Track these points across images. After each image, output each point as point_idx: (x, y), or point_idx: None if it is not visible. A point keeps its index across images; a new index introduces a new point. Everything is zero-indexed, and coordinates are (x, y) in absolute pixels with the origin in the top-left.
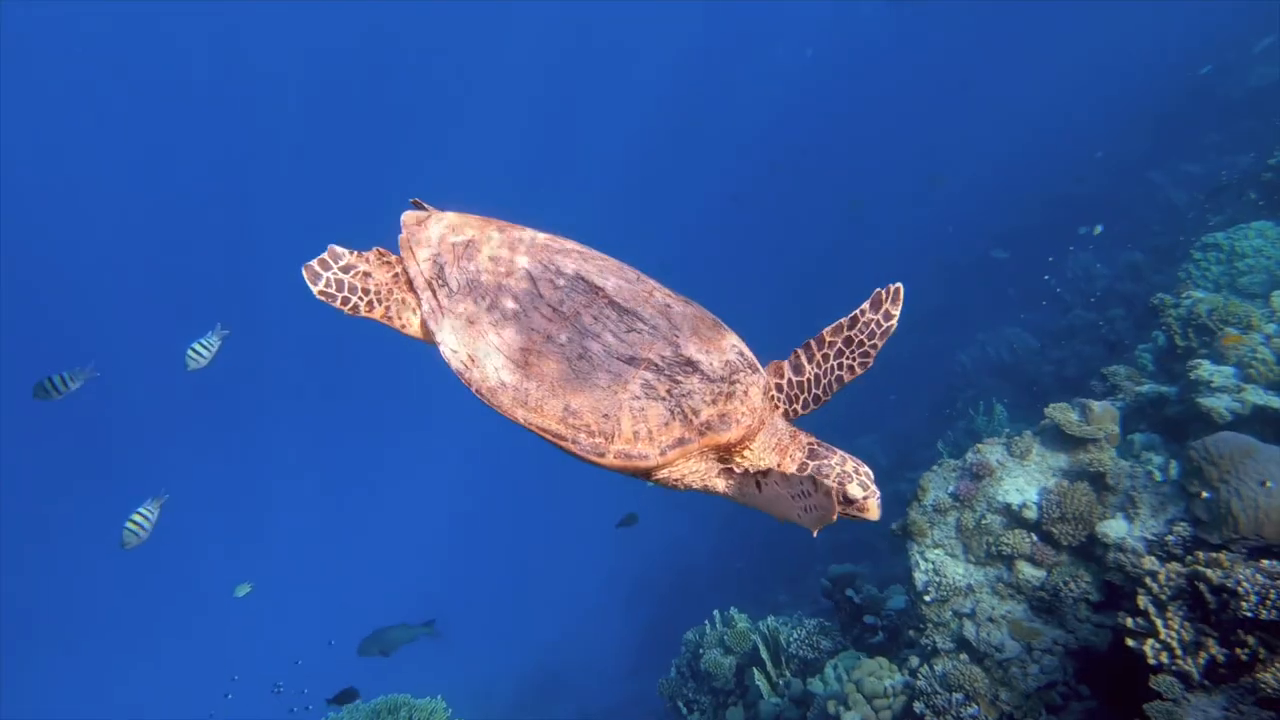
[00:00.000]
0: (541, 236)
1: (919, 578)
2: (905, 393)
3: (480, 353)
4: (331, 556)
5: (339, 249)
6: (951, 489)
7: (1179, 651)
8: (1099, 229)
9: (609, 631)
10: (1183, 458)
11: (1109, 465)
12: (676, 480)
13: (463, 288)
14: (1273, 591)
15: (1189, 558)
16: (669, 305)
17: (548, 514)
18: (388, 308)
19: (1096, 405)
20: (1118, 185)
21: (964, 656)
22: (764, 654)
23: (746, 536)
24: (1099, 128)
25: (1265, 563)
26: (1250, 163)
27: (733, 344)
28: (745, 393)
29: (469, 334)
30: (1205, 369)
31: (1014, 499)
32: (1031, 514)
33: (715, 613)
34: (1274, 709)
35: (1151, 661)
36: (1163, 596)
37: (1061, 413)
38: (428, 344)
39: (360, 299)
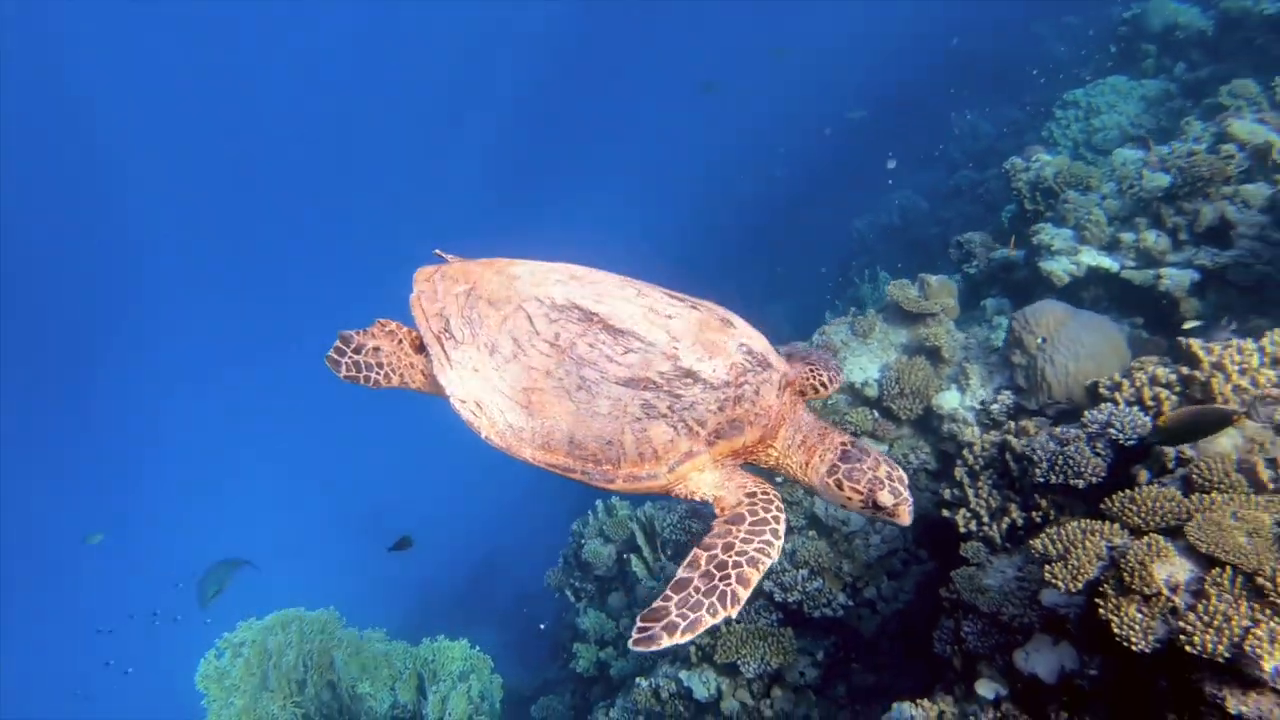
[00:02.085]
0: (538, 268)
1: None
2: (814, 261)
3: (486, 399)
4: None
5: (347, 333)
6: None
7: (985, 518)
8: (892, 163)
9: (540, 515)
10: (1007, 327)
11: (944, 339)
12: (694, 492)
13: (467, 337)
14: (1061, 457)
15: (1007, 425)
16: (670, 316)
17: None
18: (401, 375)
19: (933, 279)
20: (1001, 40)
21: (813, 533)
22: (641, 540)
23: None
24: None
25: (1058, 429)
26: (1117, 14)
27: (740, 344)
28: (756, 393)
29: (475, 382)
30: (1047, 233)
31: (857, 377)
32: (873, 391)
33: (598, 502)
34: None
35: (962, 530)
36: (976, 466)
37: (900, 289)
38: (441, 397)
39: (378, 373)
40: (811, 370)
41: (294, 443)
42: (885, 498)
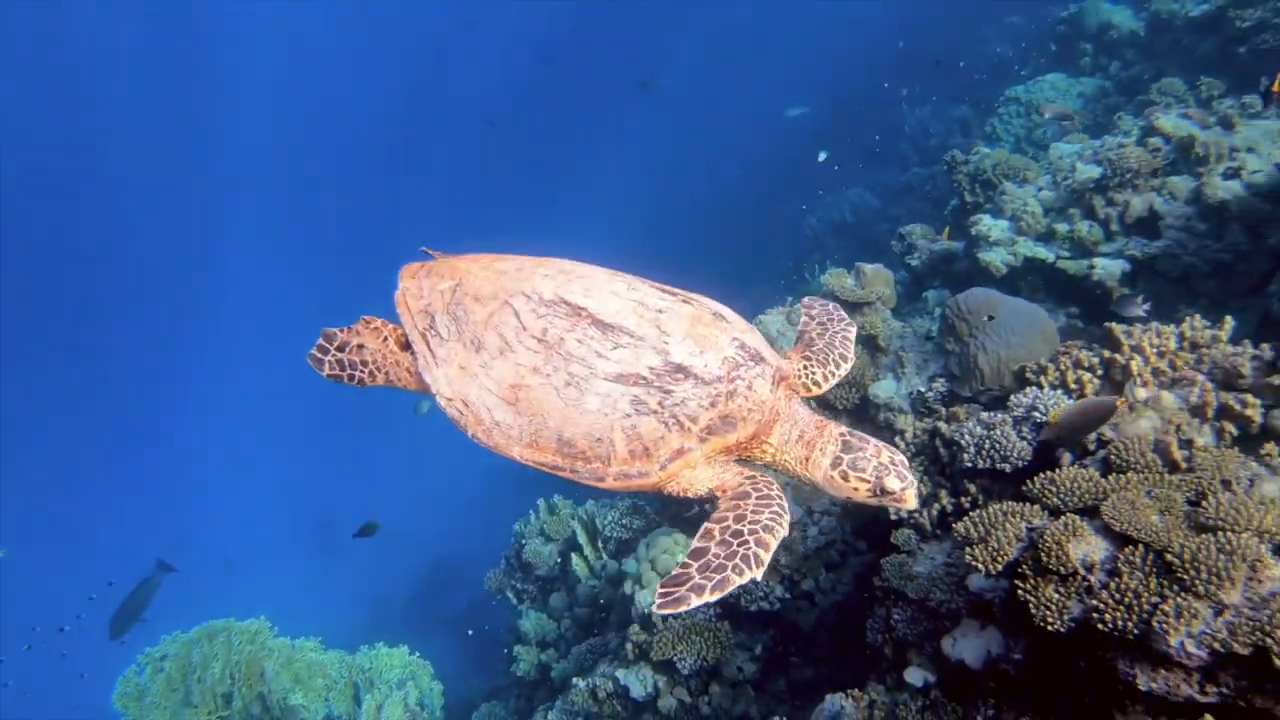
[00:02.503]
0: (525, 263)
1: None
2: (769, 258)
3: (473, 396)
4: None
5: (330, 330)
6: None
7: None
8: (823, 156)
9: (495, 521)
10: (941, 315)
11: (880, 327)
12: (687, 489)
13: (453, 334)
14: (988, 441)
15: (940, 412)
16: (660, 311)
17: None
18: (387, 373)
19: (869, 268)
20: (948, 40)
21: None
22: (582, 538)
23: None
24: None
25: (985, 414)
26: (1057, 14)
27: (733, 338)
28: (749, 388)
29: (461, 379)
30: (984, 224)
31: None
32: None
33: (540, 501)
34: None
35: (893, 516)
36: (908, 453)
37: (837, 278)
38: (428, 396)
39: (362, 372)
40: (805, 367)
41: (244, 451)
42: (892, 483)
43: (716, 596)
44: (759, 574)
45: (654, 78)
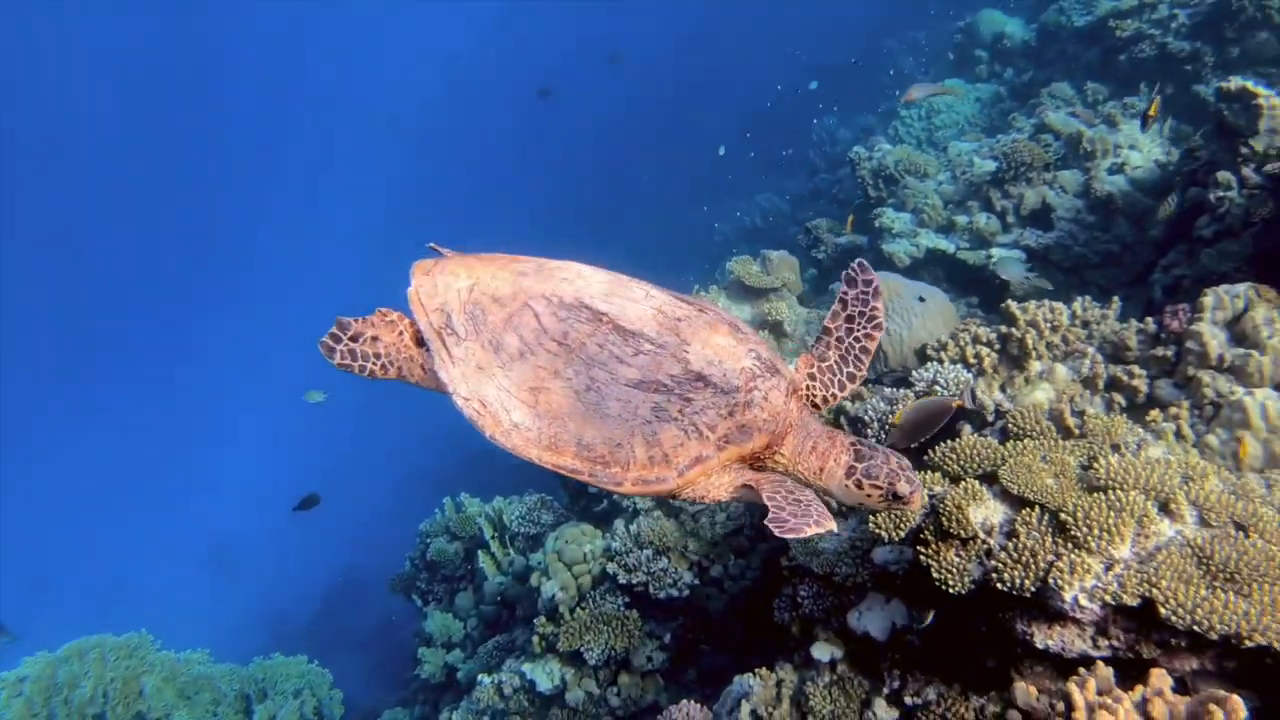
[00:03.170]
0: (543, 265)
1: None
2: (682, 264)
3: (491, 397)
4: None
5: (345, 319)
6: None
7: None
8: (814, 85)
9: (406, 536)
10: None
11: (786, 313)
12: (703, 495)
13: (470, 333)
14: (890, 416)
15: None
16: (679, 319)
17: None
18: (399, 368)
19: (775, 255)
20: (856, 54)
21: (659, 512)
22: (489, 534)
23: None
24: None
25: (888, 391)
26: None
27: (750, 349)
28: (765, 399)
29: (479, 379)
30: (888, 216)
31: None
32: None
33: (446, 500)
34: None
35: None
36: None
37: (742, 265)
38: (441, 393)
39: (374, 364)
40: (812, 383)
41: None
42: (904, 488)
43: (825, 529)
44: (834, 526)
45: (551, 87)
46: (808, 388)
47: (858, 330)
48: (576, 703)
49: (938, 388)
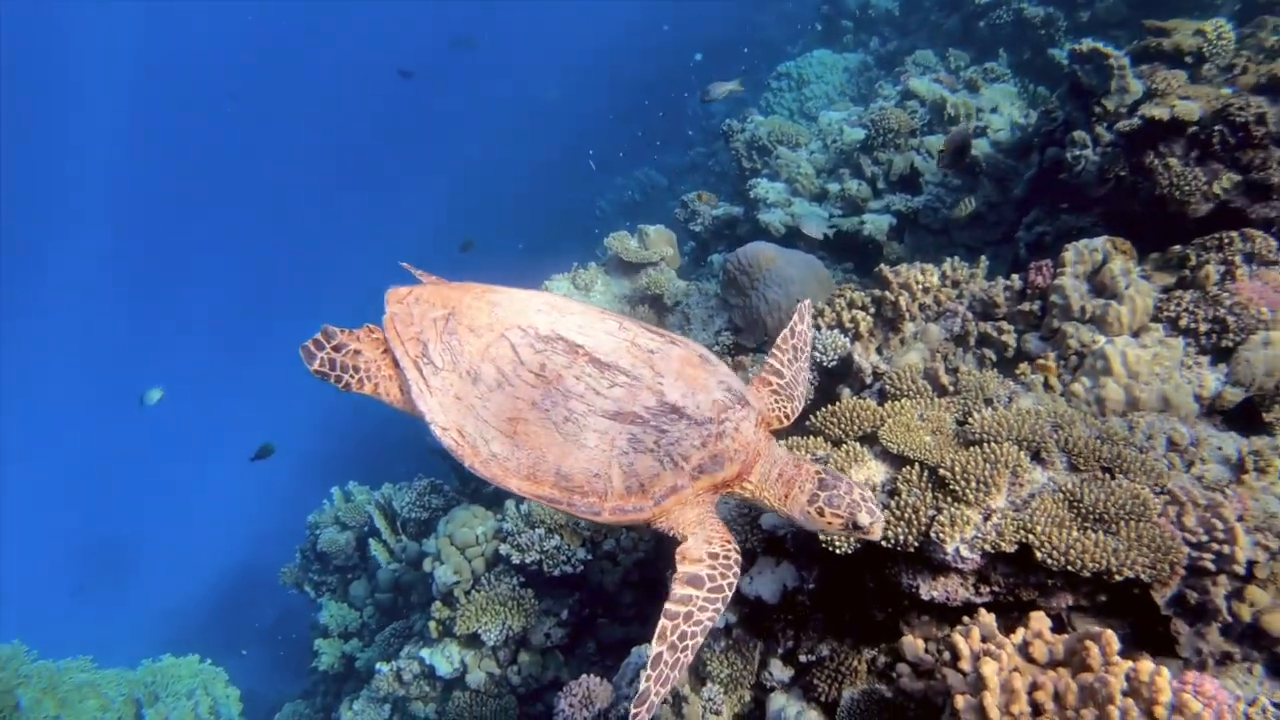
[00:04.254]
0: (518, 296)
1: None
2: (563, 240)
3: (469, 427)
4: None
5: (331, 328)
6: None
7: None
8: (699, 56)
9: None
10: (721, 270)
11: (666, 286)
12: (673, 526)
13: (447, 363)
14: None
15: (729, 363)
16: (652, 351)
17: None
18: (376, 384)
19: (651, 230)
20: (726, 29)
21: None
22: (380, 522)
23: None
24: None
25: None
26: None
27: (720, 380)
28: (736, 429)
29: (457, 410)
30: (762, 187)
31: None
32: None
33: (335, 490)
34: None
35: None
36: None
37: (620, 241)
38: (415, 417)
39: (351, 376)
40: (776, 401)
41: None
42: (864, 518)
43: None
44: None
45: (473, 36)
46: (775, 402)
47: (799, 362)
48: (478, 684)
49: (817, 353)
